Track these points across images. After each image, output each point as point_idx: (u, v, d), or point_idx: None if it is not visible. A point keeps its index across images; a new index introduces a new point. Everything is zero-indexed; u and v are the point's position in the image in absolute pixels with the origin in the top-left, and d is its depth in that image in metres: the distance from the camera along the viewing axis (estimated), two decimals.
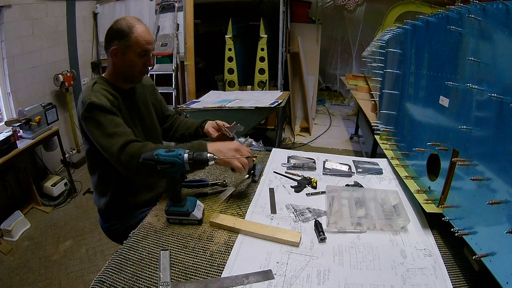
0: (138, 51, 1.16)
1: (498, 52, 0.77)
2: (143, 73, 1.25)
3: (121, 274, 0.85)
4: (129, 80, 1.25)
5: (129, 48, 1.16)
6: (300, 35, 4.18)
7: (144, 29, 1.17)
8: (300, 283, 0.81)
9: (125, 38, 1.14)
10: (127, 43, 1.15)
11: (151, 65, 1.24)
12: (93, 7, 3.82)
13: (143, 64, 1.21)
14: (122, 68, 1.20)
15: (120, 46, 1.16)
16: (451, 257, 0.91)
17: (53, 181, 2.93)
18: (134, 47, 1.16)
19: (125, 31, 1.14)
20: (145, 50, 1.18)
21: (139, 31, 1.15)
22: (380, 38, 2.01)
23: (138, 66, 1.20)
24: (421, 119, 1.25)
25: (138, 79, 1.26)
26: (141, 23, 1.19)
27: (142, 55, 1.18)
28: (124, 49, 1.16)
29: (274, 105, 2.75)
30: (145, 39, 1.16)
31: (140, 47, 1.16)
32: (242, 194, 1.21)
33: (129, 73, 1.21)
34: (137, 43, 1.15)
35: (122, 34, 1.14)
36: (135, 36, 1.14)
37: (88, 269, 2.14)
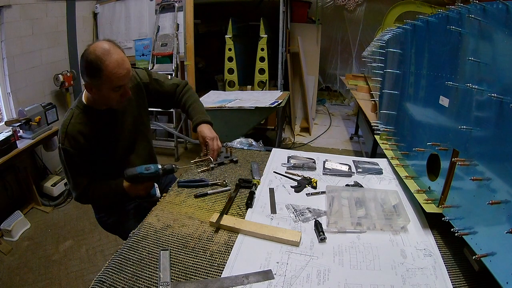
0: (111, 87, 1.10)
1: (498, 52, 0.77)
2: (121, 102, 1.19)
3: (121, 274, 0.85)
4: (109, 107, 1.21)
5: (102, 85, 1.08)
6: (300, 35, 4.18)
7: (115, 62, 1.05)
8: (300, 283, 0.81)
9: (96, 77, 1.06)
10: (99, 81, 1.07)
11: (128, 95, 1.18)
12: (93, 7, 3.81)
13: (120, 95, 1.15)
14: (98, 100, 1.17)
15: (92, 83, 1.09)
16: (451, 257, 0.91)
17: (53, 181, 2.93)
18: (107, 84, 1.08)
19: (95, 68, 1.04)
20: (119, 86, 1.11)
21: (110, 67, 1.04)
22: (380, 38, 2.01)
23: (114, 99, 1.15)
24: (421, 119, 1.25)
25: (117, 107, 1.22)
26: (112, 53, 1.06)
27: (116, 90, 1.12)
28: (97, 86, 1.09)
29: (274, 105, 2.75)
30: (118, 75, 1.07)
31: (112, 84, 1.09)
32: (243, 194, 1.21)
33: (106, 104, 1.18)
34: (109, 81, 1.07)
35: (92, 71, 1.05)
36: (106, 74, 1.05)
37: (88, 269, 2.14)
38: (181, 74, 3.69)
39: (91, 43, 1.10)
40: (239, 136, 1.79)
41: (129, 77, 1.14)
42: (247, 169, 1.41)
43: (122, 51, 1.11)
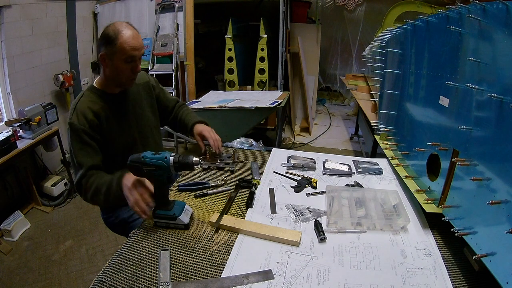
0: (123, 57, 1.15)
1: (498, 52, 0.77)
2: (131, 79, 1.24)
3: (121, 274, 0.85)
4: (119, 85, 1.26)
5: (115, 55, 1.15)
6: (300, 35, 4.18)
7: (130, 34, 1.15)
8: (300, 283, 0.81)
9: (111, 44, 1.13)
10: (113, 49, 1.14)
11: (138, 71, 1.23)
12: (93, 7, 3.81)
13: (131, 70, 1.19)
14: (111, 74, 1.21)
15: (107, 52, 1.15)
16: (451, 257, 0.91)
17: (53, 181, 2.93)
18: (120, 53, 1.14)
19: (111, 37, 1.13)
20: (131, 56, 1.16)
21: (125, 37, 1.13)
22: (380, 38, 2.01)
23: (126, 72, 1.19)
24: (421, 119, 1.25)
25: (127, 84, 1.26)
26: (129, 28, 1.16)
27: (128, 61, 1.17)
28: (111, 55, 1.15)
29: (274, 105, 2.75)
30: (131, 45, 1.14)
31: (125, 54, 1.15)
32: (242, 195, 1.21)
33: (117, 78, 1.22)
34: (123, 50, 1.14)
35: (108, 40, 1.13)
36: (121, 43, 1.13)
37: (88, 269, 2.14)
38: (181, 74, 3.69)
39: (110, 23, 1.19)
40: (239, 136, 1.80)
41: (141, 54, 1.20)
42: (247, 169, 1.41)
43: (137, 31, 1.20)
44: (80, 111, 1.18)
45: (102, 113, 1.21)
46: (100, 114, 1.21)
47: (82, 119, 1.17)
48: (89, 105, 1.20)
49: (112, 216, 1.40)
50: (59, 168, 3.38)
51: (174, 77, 3.56)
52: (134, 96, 1.35)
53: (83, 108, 1.18)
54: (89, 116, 1.18)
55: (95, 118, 1.19)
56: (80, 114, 1.17)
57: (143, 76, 1.43)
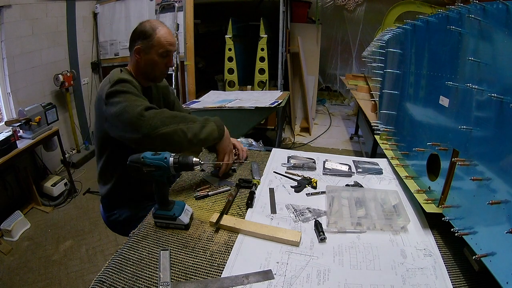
0: (160, 51, 1.23)
1: (498, 52, 0.77)
2: (164, 73, 1.31)
3: (121, 274, 0.85)
4: (151, 79, 1.31)
5: (152, 48, 1.22)
6: (300, 35, 4.18)
7: (167, 31, 1.24)
8: (300, 283, 0.81)
9: (148, 38, 1.21)
10: (150, 43, 1.22)
11: (172, 66, 1.30)
12: (93, 7, 3.81)
13: (165, 64, 1.27)
14: (144, 67, 1.26)
15: (143, 46, 1.23)
16: (451, 257, 0.91)
17: (53, 181, 2.93)
18: (157, 47, 1.22)
19: (149, 31, 1.21)
20: (167, 51, 1.24)
21: (162, 32, 1.22)
22: (380, 38, 2.01)
23: (160, 66, 1.26)
24: (421, 119, 1.25)
25: (159, 78, 1.33)
26: (164, 25, 1.25)
27: (164, 55, 1.24)
28: (147, 48, 1.23)
29: (274, 105, 2.75)
30: (168, 40, 1.23)
31: (162, 48, 1.22)
32: (242, 195, 1.21)
33: (150, 72, 1.28)
34: (160, 44, 1.22)
35: (145, 34, 1.21)
36: (158, 37, 1.21)
37: (88, 269, 2.14)
38: (181, 74, 3.69)
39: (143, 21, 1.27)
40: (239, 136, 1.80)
41: (175, 50, 1.28)
42: (247, 169, 1.41)
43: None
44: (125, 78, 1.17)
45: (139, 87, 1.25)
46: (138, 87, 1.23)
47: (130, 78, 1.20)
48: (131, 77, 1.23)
49: (116, 214, 1.41)
50: (59, 168, 3.39)
51: (174, 77, 3.56)
52: (154, 96, 1.40)
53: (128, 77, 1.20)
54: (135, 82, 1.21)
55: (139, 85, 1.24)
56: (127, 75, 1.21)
57: (164, 81, 1.50)
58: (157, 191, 1.00)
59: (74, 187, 3.08)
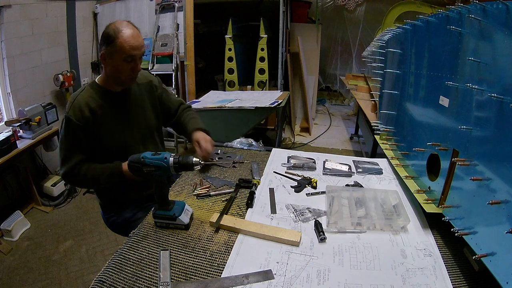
0: (123, 56, 1.15)
1: (498, 52, 0.77)
2: (131, 78, 1.24)
3: (121, 274, 0.85)
4: (119, 84, 1.26)
5: (115, 54, 1.15)
6: (300, 35, 4.18)
7: (130, 34, 1.14)
8: (300, 283, 0.81)
9: (111, 44, 1.13)
10: (113, 49, 1.14)
11: (138, 70, 1.24)
12: (93, 7, 3.81)
13: (131, 69, 1.19)
14: (111, 72, 1.21)
15: (107, 51, 1.16)
16: (451, 257, 0.91)
17: (53, 181, 2.93)
18: (119, 52, 1.14)
19: (112, 36, 1.13)
20: (130, 56, 1.16)
21: (125, 36, 1.13)
22: (380, 38, 2.01)
23: (126, 71, 1.19)
24: (421, 119, 1.25)
25: (127, 83, 1.26)
26: (129, 27, 1.16)
27: (128, 60, 1.17)
28: (111, 54, 1.15)
29: (274, 105, 2.75)
30: (130, 45, 1.14)
31: (125, 53, 1.14)
32: (242, 194, 1.21)
33: (117, 77, 1.22)
34: (122, 49, 1.13)
35: (109, 39, 1.14)
36: (120, 42, 1.12)
37: (88, 269, 2.14)
38: (181, 74, 3.69)
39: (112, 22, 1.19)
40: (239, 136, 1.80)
41: (141, 53, 1.20)
42: (247, 169, 1.41)
43: (139, 31, 1.20)
44: (77, 106, 1.18)
45: (99, 111, 1.22)
46: (97, 112, 1.21)
47: (79, 114, 1.17)
48: (88, 101, 1.20)
49: (114, 216, 1.41)
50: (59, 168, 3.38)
51: (174, 77, 3.55)
52: (136, 96, 1.35)
53: (81, 104, 1.19)
54: (86, 112, 1.19)
55: (91, 115, 1.20)
56: (77, 109, 1.18)
57: (146, 76, 1.42)
58: (157, 191, 1.00)
59: (74, 187, 3.08)
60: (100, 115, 1.22)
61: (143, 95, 1.38)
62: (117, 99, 1.28)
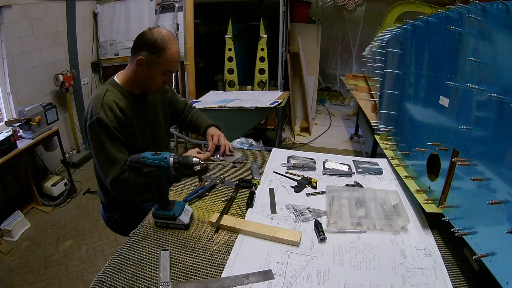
0: (164, 70, 1.17)
1: (498, 52, 0.77)
2: (160, 89, 1.27)
3: (121, 274, 0.85)
4: (145, 91, 1.27)
5: (157, 65, 1.15)
6: (300, 35, 4.18)
7: (176, 50, 1.17)
8: (300, 283, 0.81)
9: (157, 54, 1.13)
10: (156, 59, 1.14)
11: (170, 85, 1.28)
12: (93, 7, 3.81)
13: (163, 81, 1.22)
14: (142, 79, 1.21)
15: (148, 59, 1.15)
16: (451, 257, 0.91)
17: (53, 181, 2.93)
18: (162, 65, 1.16)
19: (159, 46, 1.13)
20: (169, 71, 1.20)
21: (171, 51, 1.15)
22: (380, 38, 2.01)
23: (158, 83, 1.21)
24: (421, 119, 1.25)
25: (154, 92, 1.29)
26: (174, 42, 1.17)
27: (165, 74, 1.20)
28: (151, 63, 1.15)
29: (274, 105, 2.75)
30: (175, 61, 1.18)
31: (167, 68, 1.17)
32: (242, 194, 1.21)
33: (147, 85, 1.23)
34: (166, 63, 1.16)
35: (155, 48, 1.13)
36: (167, 57, 1.14)
37: (88, 269, 2.14)
38: (181, 74, 3.69)
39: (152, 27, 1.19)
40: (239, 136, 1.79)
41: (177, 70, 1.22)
42: (247, 169, 1.41)
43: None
44: (107, 106, 1.15)
45: (127, 110, 1.21)
46: (126, 111, 1.20)
47: (111, 114, 1.15)
48: (116, 101, 1.19)
49: (117, 214, 1.41)
50: (59, 168, 3.38)
51: (174, 77, 3.56)
52: (151, 99, 1.36)
53: (111, 103, 1.16)
54: (117, 112, 1.17)
55: (122, 114, 1.18)
56: (108, 109, 1.15)
57: None
58: (157, 191, 1.00)
59: (74, 187, 3.08)
60: (128, 115, 1.21)
61: (156, 99, 1.40)
62: (137, 102, 1.28)
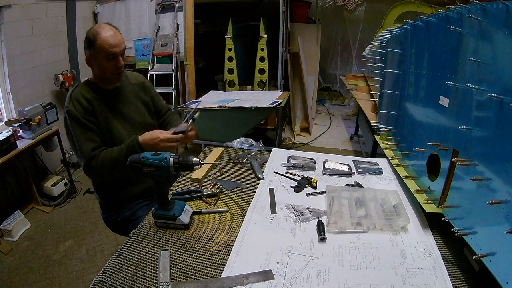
0: (104, 55, 1.23)
1: (498, 52, 0.77)
2: (117, 74, 1.31)
3: (121, 274, 0.85)
4: (108, 81, 1.33)
5: (97, 54, 1.24)
6: (300, 35, 4.18)
7: (108, 34, 1.23)
8: (300, 283, 0.81)
9: (92, 46, 1.23)
10: (94, 50, 1.23)
11: (122, 66, 1.29)
12: (93, 7, 3.81)
13: (114, 66, 1.27)
14: (98, 72, 1.30)
15: (90, 54, 1.26)
16: (451, 257, 0.91)
17: (53, 181, 2.93)
18: (101, 53, 1.23)
19: (91, 39, 1.22)
20: (111, 54, 1.24)
21: (103, 37, 1.21)
22: (380, 38, 2.01)
23: (110, 69, 1.27)
24: (421, 119, 1.25)
25: (115, 80, 1.33)
26: (107, 28, 1.24)
27: (110, 58, 1.24)
28: (94, 55, 1.25)
29: (274, 105, 2.75)
30: (109, 44, 1.22)
31: (105, 52, 1.23)
32: (242, 194, 1.21)
33: (104, 76, 1.30)
34: (102, 49, 1.22)
35: (89, 42, 1.23)
36: (99, 43, 1.21)
37: (88, 269, 2.14)
38: (181, 74, 3.68)
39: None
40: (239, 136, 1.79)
41: (121, 50, 1.27)
42: (247, 169, 1.41)
43: (117, 30, 1.28)
44: (75, 99, 1.26)
45: (94, 102, 1.28)
46: (93, 102, 1.28)
47: (78, 105, 1.24)
48: (83, 93, 1.28)
49: (114, 215, 1.42)
50: (59, 168, 3.38)
51: (174, 77, 3.56)
52: (128, 94, 1.41)
53: (78, 96, 1.26)
54: (84, 103, 1.25)
55: (89, 105, 1.26)
56: (75, 101, 1.25)
57: (139, 77, 1.51)
58: (157, 191, 1.00)
59: (74, 187, 3.08)
60: (96, 106, 1.28)
61: (136, 94, 1.45)
62: (109, 96, 1.34)
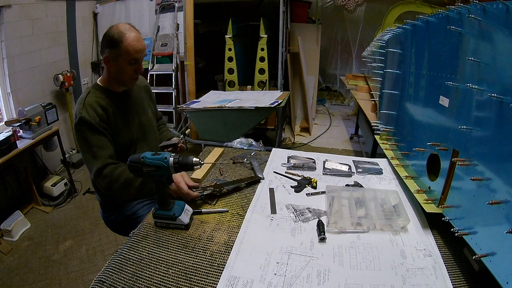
0: (128, 59, 1.21)
1: (498, 52, 0.77)
2: (134, 79, 1.30)
3: (121, 274, 0.85)
4: (122, 84, 1.32)
5: (120, 57, 1.20)
6: (300, 35, 4.18)
7: (134, 37, 1.20)
8: (300, 283, 0.81)
9: (116, 47, 1.18)
10: (117, 52, 1.19)
11: (141, 71, 1.29)
12: (93, 7, 3.81)
13: (134, 71, 1.26)
14: (115, 74, 1.27)
15: (111, 54, 1.21)
16: (451, 257, 0.91)
17: (53, 181, 2.93)
18: (124, 55, 1.20)
19: (116, 40, 1.18)
20: (134, 59, 1.22)
21: (129, 40, 1.18)
22: (380, 38, 2.00)
23: (129, 73, 1.25)
24: (421, 119, 1.25)
25: (130, 84, 1.33)
26: (132, 30, 1.21)
27: (132, 63, 1.23)
28: (115, 57, 1.21)
29: (274, 105, 2.75)
30: (135, 48, 1.20)
31: (129, 56, 1.20)
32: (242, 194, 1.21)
33: (120, 79, 1.28)
34: (127, 52, 1.19)
35: (113, 42, 1.18)
36: (125, 46, 1.18)
37: (88, 269, 2.14)
38: (181, 74, 3.69)
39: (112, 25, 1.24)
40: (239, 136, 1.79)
41: (143, 55, 1.26)
42: (247, 169, 1.41)
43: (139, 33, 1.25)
44: (89, 105, 1.21)
45: (109, 108, 1.26)
46: (107, 109, 1.26)
47: (93, 112, 1.20)
48: (97, 100, 1.24)
49: (114, 214, 1.41)
50: (59, 168, 3.38)
51: (174, 77, 3.56)
52: (136, 96, 1.42)
53: (92, 103, 1.22)
54: (99, 110, 1.23)
55: (103, 112, 1.24)
56: (90, 108, 1.21)
57: (143, 80, 1.52)
58: (157, 191, 1.00)
59: (74, 187, 3.08)
60: (110, 112, 1.26)
61: (143, 96, 1.46)
62: (120, 99, 1.33)
